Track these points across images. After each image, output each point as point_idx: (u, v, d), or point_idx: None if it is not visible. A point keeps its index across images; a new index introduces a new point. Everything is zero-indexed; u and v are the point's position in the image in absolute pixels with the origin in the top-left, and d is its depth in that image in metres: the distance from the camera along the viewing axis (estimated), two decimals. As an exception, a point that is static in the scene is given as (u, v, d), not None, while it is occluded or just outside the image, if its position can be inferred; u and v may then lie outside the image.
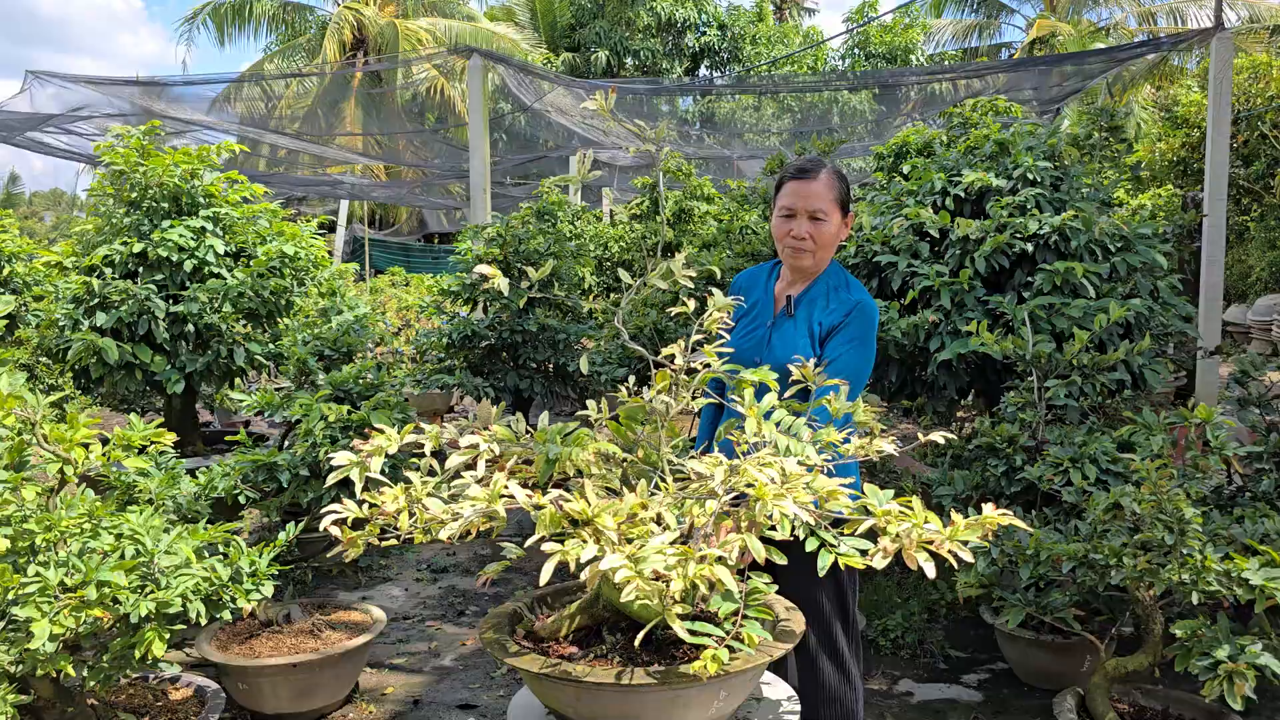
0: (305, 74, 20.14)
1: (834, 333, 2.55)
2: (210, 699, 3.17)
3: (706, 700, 1.76)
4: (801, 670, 2.67)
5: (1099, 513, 2.93)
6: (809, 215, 2.56)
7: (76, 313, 4.52)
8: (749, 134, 15.46)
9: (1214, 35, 6.97)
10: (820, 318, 2.58)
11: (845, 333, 2.54)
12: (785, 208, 2.60)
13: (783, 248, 2.62)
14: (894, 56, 23.77)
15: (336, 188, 17.12)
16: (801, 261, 2.60)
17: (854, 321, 2.54)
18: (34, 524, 2.58)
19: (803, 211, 2.56)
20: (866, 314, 2.56)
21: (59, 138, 9.15)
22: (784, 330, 2.62)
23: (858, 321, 2.54)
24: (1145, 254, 4.28)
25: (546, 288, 5.99)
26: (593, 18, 25.24)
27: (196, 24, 24.17)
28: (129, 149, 4.69)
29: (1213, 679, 2.61)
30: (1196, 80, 16.53)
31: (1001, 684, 3.83)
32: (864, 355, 2.56)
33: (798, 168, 2.61)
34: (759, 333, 2.68)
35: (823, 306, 2.60)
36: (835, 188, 2.59)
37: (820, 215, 2.56)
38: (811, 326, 2.59)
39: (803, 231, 2.56)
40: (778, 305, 2.69)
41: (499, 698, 3.83)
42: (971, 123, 7.13)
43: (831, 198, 2.58)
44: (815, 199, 2.56)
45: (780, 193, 2.63)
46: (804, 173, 2.59)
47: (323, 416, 3.81)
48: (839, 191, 2.60)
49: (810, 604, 2.45)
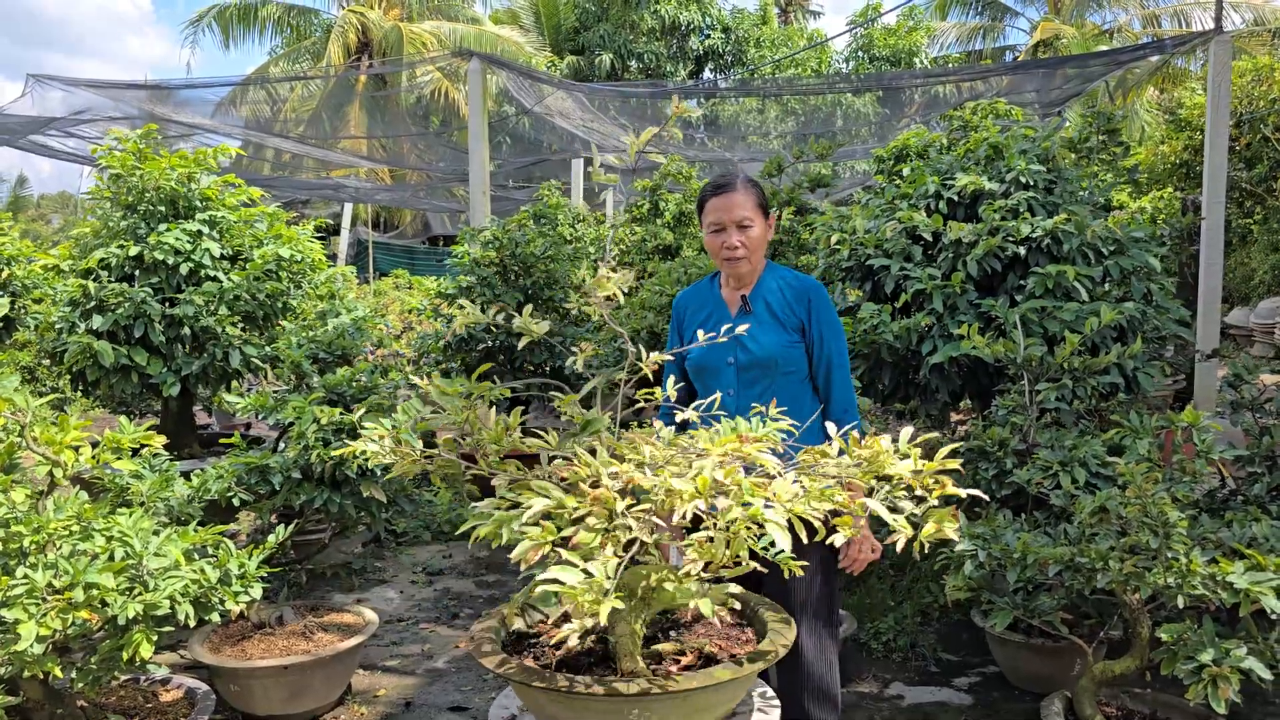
0: (310, 77, 20.22)
1: (808, 322, 2.77)
2: (200, 700, 3.18)
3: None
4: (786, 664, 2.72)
5: (1086, 516, 2.93)
6: (736, 225, 2.73)
7: (73, 315, 4.55)
8: (752, 137, 15.46)
9: (1213, 38, 6.96)
10: (780, 308, 2.79)
11: (818, 317, 2.77)
12: (713, 223, 2.77)
13: (720, 260, 2.79)
14: (898, 59, 23.77)
15: (340, 191, 17.17)
16: (739, 269, 2.78)
17: (818, 304, 2.77)
18: (22, 526, 2.60)
19: (730, 223, 2.73)
20: (821, 292, 2.81)
21: (63, 141, 9.20)
22: (750, 326, 2.76)
23: (820, 303, 2.78)
24: (1139, 257, 4.27)
25: (544, 290, 6.00)
26: (597, 21, 25.28)
27: (202, 27, 24.23)
28: (125, 152, 4.72)
29: (1197, 682, 2.61)
30: (1200, 83, 16.49)
31: (992, 687, 3.83)
32: (839, 329, 2.82)
33: (714, 185, 2.80)
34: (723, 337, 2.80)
35: (779, 299, 2.80)
36: (753, 194, 2.77)
37: (746, 222, 2.74)
38: (776, 316, 2.78)
39: (734, 240, 2.73)
40: (732, 308, 2.86)
41: (490, 699, 3.84)
42: (972, 125, 7.13)
43: (752, 204, 2.75)
44: (738, 209, 2.73)
45: (705, 210, 2.79)
46: (722, 188, 2.77)
47: (315, 419, 3.82)
48: (757, 197, 2.78)
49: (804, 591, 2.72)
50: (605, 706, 1.74)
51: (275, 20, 24.63)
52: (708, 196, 2.80)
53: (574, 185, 13.04)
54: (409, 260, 24.59)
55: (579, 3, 25.80)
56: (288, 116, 19.06)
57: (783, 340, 2.76)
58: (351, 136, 17.13)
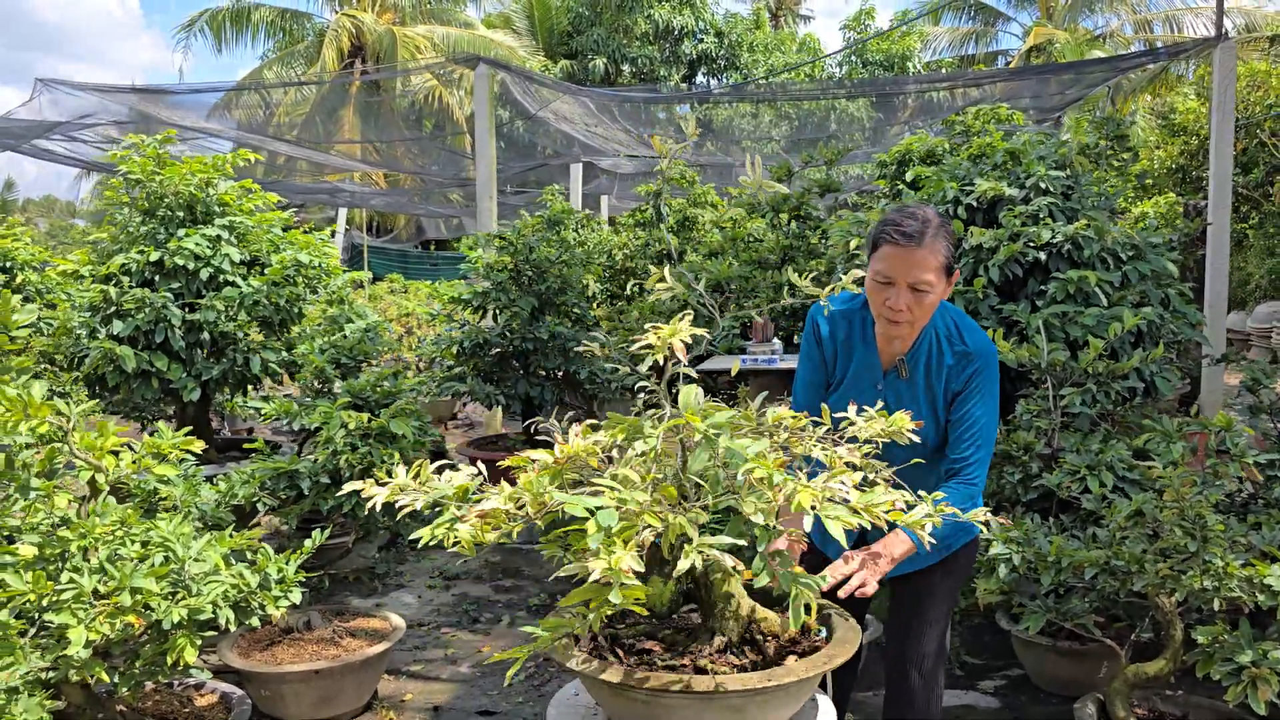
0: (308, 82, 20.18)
1: (961, 395, 2.39)
2: (236, 705, 3.18)
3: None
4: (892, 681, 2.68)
5: (1121, 520, 2.96)
6: (910, 287, 2.27)
7: (93, 321, 4.54)
8: (747, 141, 15.52)
9: (1217, 45, 7.03)
10: (937, 380, 2.41)
11: (974, 392, 2.37)
12: (882, 274, 2.30)
13: (877, 315, 2.37)
14: (891, 64, 23.86)
15: (335, 195, 17.15)
16: (897, 332, 2.36)
17: (979, 378, 2.38)
18: (70, 531, 2.60)
19: (903, 283, 2.27)
20: (988, 362, 2.40)
21: (62, 144, 9.17)
22: (899, 392, 2.43)
23: (982, 376, 2.38)
24: (1156, 262, 4.32)
25: (557, 295, 6.01)
26: (590, 25, 25.30)
27: (194, 31, 24.17)
28: (145, 158, 4.71)
29: (1236, 684, 2.64)
30: (1193, 88, 16.64)
31: (1018, 690, 3.85)
32: (993, 406, 2.41)
33: (900, 231, 2.27)
34: (867, 391, 2.46)
35: (938, 365, 2.41)
36: (941, 250, 2.29)
37: (923, 287, 2.27)
38: (931, 390, 2.41)
39: (901, 304, 2.28)
40: (884, 359, 2.47)
41: (518, 704, 3.85)
42: (974, 130, 7.18)
43: (937, 264, 2.28)
44: (918, 269, 2.26)
45: (876, 254, 2.32)
46: (907, 238, 2.26)
47: (343, 424, 3.83)
48: (945, 256, 2.31)
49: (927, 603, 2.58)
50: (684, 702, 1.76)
51: (268, 24, 24.58)
52: (884, 241, 2.30)
53: (573, 190, 13.07)
54: (403, 264, 24.55)
55: (572, 6, 25.82)
56: (281, 120, 19.01)
57: (937, 431, 2.38)
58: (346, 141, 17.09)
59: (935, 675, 2.64)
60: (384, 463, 3.76)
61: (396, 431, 3.89)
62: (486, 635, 4.57)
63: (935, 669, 2.63)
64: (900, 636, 2.64)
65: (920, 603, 2.61)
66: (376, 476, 1.95)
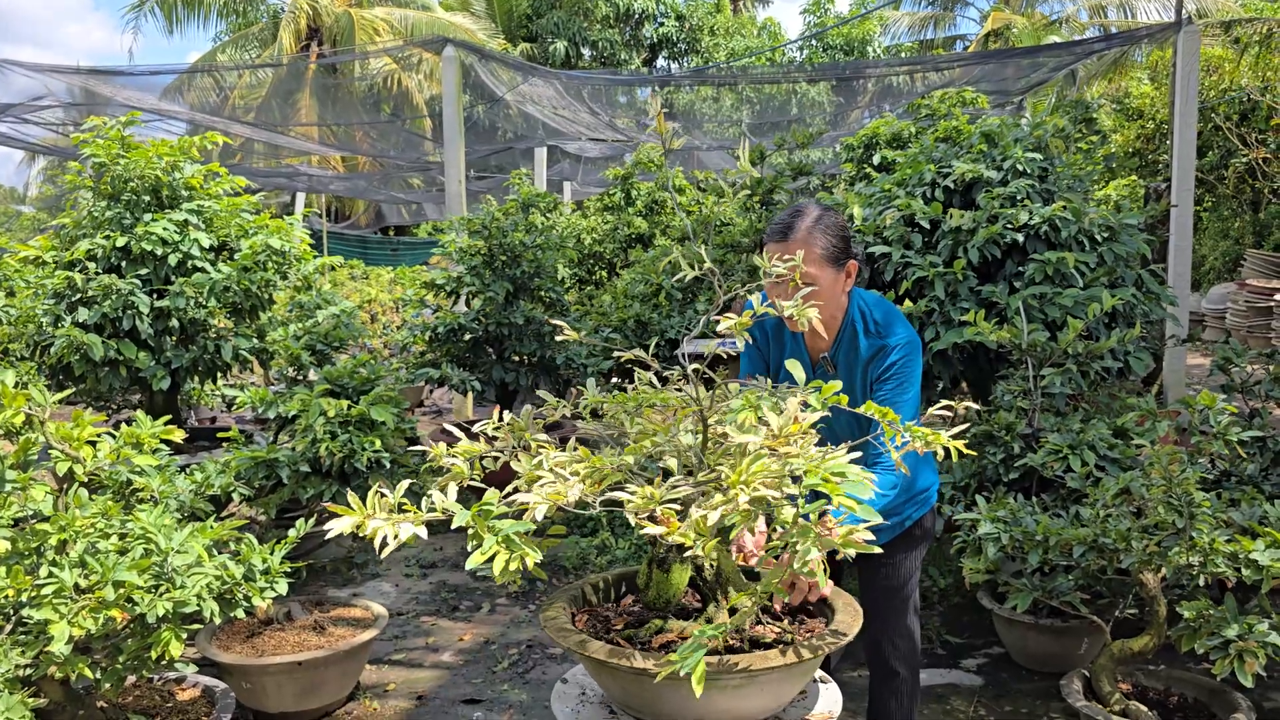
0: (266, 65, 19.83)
1: (878, 382, 2.48)
2: (219, 699, 3.12)
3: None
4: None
5: (1109, 498, 2.99)
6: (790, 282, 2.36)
7: (58, 308, 4.42)
8: (708, 124, 15.50)
9: (1180, 30, 7.12)
10: (858, 370, 2.51)
11: (890, 379, 2.46)
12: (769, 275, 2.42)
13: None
14: (851, 48, 23.95)
15: (294, 179, 16.88)
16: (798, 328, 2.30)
17: (895, 368, 2.46)
18: (49, 525, 2.52)
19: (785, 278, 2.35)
20: (906, 352, 2.47)
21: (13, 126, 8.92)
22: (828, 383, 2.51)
23: (899, 365, 2.46)
24: (1130, 244, 4.36)
25: (531, 279, 5.95)
26: (550, 8, 25.12)
27: (144, 11, 23.62)
28: (109, 140, 4.59)
29: (1223, 657, 2.68)
30: (1146, 72, 16.82)
31: (1000, 668, 3.89)
32: (912, 394, 2.48)
33: (773, 227, 2.45)
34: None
35: (857, 357, 2.51)
36: (819, 245, 2.41)
37: (804, 279, 2.35)
38: (853, 381, 2.51)
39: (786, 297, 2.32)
40: (812, 354, 2.61)
41: (503, 691, 3.82)
42: (939, 114, 7.23)
43: (814, 256, 2.40)
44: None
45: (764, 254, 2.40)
46: (779, 233, 2.42)
47: (322, 412, 3.77)
48: (825, 247, 2.42)
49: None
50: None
51: (221, 5, 24.10)
52: (764, 239, 2.44)
53: (537, 174, 12.97)
54: (363, 250, 24.27)
55: (532, -11, 25.64)
56: (236, 103, 18.64)
57: (863, 423, 2.38)
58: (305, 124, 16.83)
59: (913, 654, 2.80)
60: (364, 450, 3.70)
61: (377, 419, 3.82)
62: (468, 622, 4.53)
63: (912, 650, 2.80)
64: (874, 613, 2.64)
65: (888, 576, 2.74)
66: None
